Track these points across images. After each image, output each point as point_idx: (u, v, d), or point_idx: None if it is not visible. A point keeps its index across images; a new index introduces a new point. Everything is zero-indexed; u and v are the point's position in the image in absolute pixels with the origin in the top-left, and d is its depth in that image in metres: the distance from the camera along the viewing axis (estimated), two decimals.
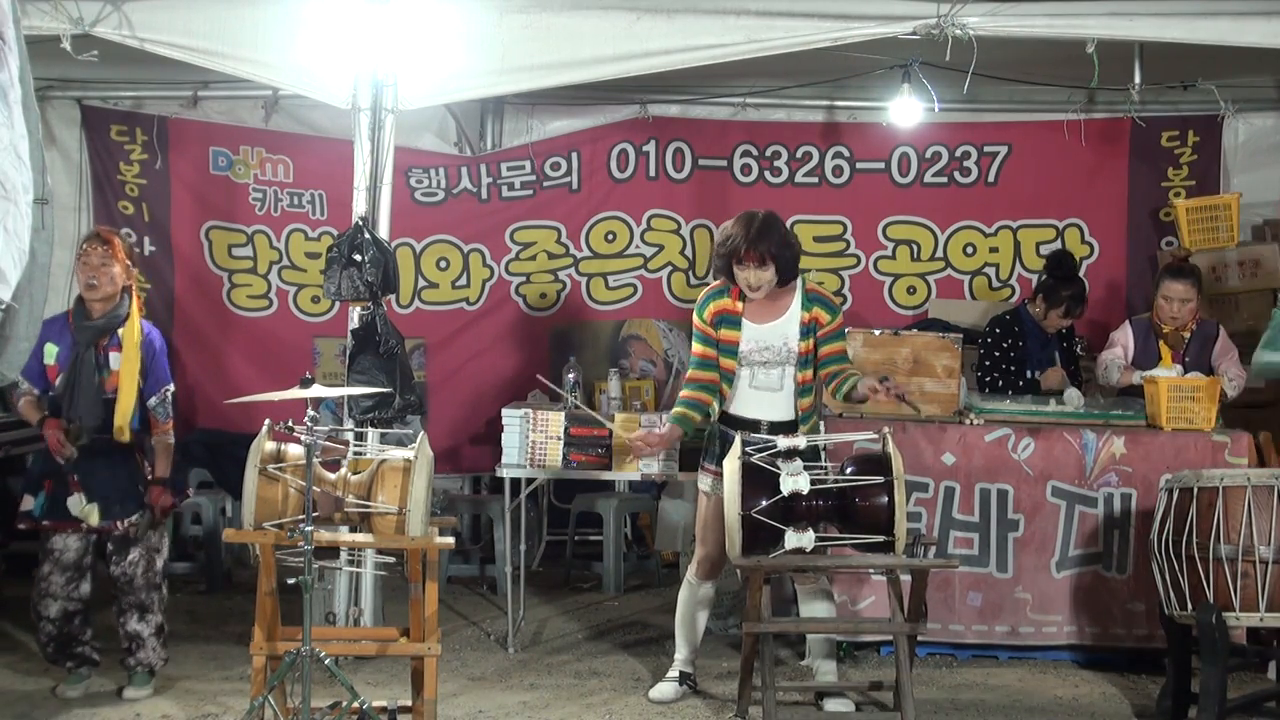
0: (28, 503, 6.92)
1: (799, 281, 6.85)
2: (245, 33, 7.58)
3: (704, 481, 6.94)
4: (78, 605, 6.88)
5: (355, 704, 5.81)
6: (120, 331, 6.86)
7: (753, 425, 6.68)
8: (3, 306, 4.08)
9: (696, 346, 6.91)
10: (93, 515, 6.77)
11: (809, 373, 6.83)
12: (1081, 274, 9.40)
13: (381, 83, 7.61)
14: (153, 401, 6.90)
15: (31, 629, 7.84)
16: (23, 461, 9.00)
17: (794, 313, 6.80)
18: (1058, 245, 9.83)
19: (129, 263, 6.96)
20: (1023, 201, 10.06)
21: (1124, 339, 8.33)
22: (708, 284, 7.02)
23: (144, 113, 9.89)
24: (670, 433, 6.93)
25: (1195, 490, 6.27)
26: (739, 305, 6.81)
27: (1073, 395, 7.98)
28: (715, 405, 6.84)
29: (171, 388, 7.01)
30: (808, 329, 6.78)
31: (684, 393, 6.92)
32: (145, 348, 6.90)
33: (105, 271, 6.86)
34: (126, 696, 6.91)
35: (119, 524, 6.82)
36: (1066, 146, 9.90)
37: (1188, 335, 8.07)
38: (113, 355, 6.84)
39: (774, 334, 6.78)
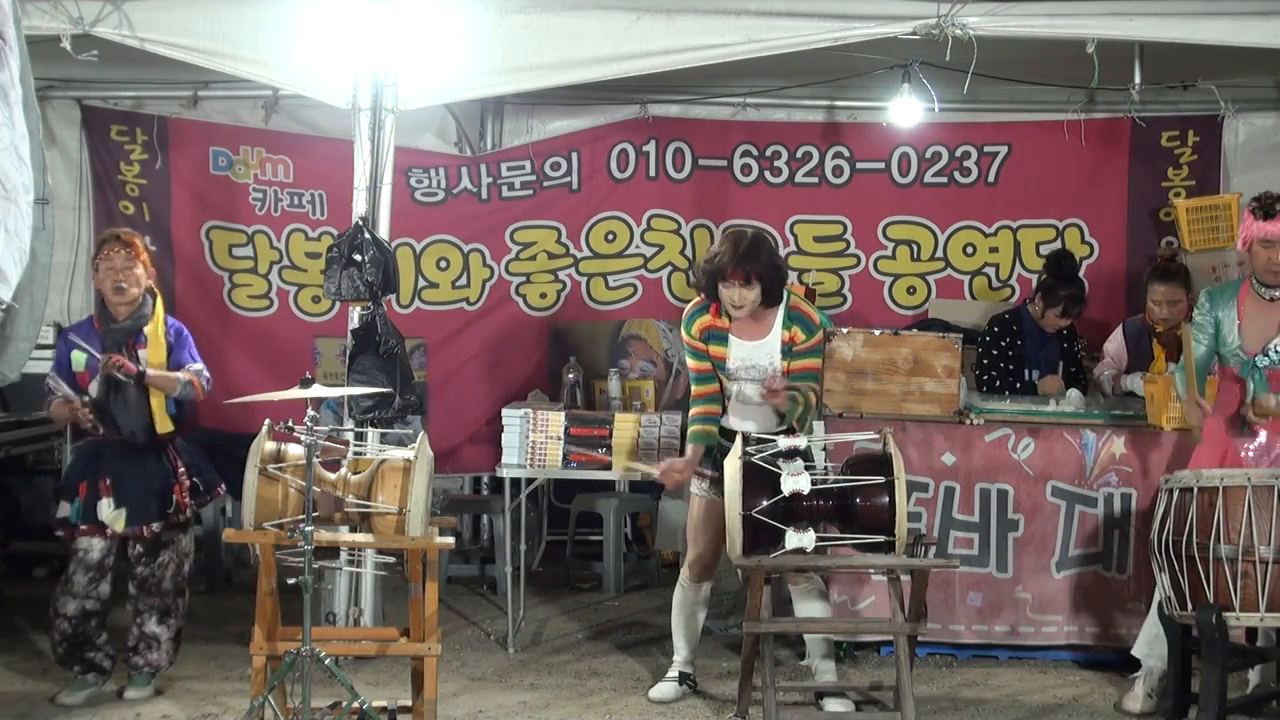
0: (64, 510, 6.89)
1: (784, 299, 6.84)
2: (245, 33, 7.58)
3: (697, 485, 6.95)
4: (96, 605, 6.84)
5: (355, 704, 5.82)
6: (145, 330, 6.88)
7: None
8: (3, 306, 4.08)
9: (691, 362, 6.94)
10: (119, 521, 6.77)
11: None
12: (1081, 274, 9.39)
13: (381, 83, 7.61)
14: (192, 367, 6.92)
15: (33, 629, 7.88)
16: (22, 461, 9.02)
17: (776, 332, 6.81)
18: (1058, 245, 9.82)
19: (149, 263, 6.97)
20: (1023, 201, 10.04)
21: (1114, 349, 8.34)
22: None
23: (144, 113, 9.87)
24: (694, 454, 6.89)
25: (1195, 490, 6.27)
26: (724, 321, 6.82)
27: (1073, 395, 7.98)
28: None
29: (200, 366, 6.99)
30: (787, 348, 6.78)
31: (695, 409, 6.93)
32: (169, 336, 6.93)
33: (131, 274, 6.86)
34: (127, 697, 6.91)
35: (144, 530, 6.81)
36: (1066, 146, 9.89)
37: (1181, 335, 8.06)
38: (141, 354, 6.85)
39: (759, 352, 6.80)
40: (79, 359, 6.86)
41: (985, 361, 8.61)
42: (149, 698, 6.93)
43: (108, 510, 6.77)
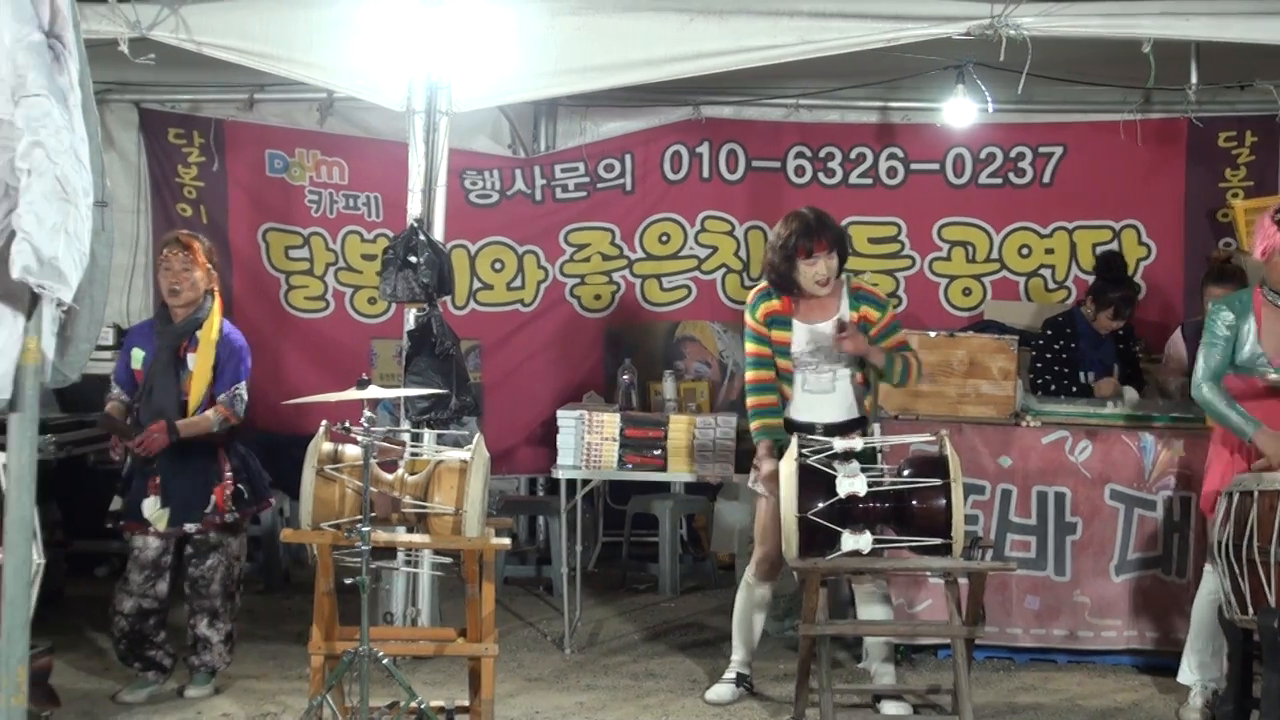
0: (116, 503, 6.95)
1: (843, 281, 6.85)
2: (300, 36, 7.61)
3: (761, 484, 6.93)
4: (153, 604, 6.90)
5: (413, 704, 5.84)
6: (199, 333, 6.92)
7: (808, 429, 6.67)
8: (64, 308, 4.10)
9: (751, 346, 6.92)
10: (162, 520, 6.82)
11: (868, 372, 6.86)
12: (1138, 276, 9.37)
13: (436, 85, 7.64)
14: (222, 398, 6.90)
15: (96, 628, 7.95)
16: (84, 461, 9.09)
17: (843, 313, 6.81)
18: (1114, 246, 9.75)
19: (209, 266, 7.00)
20: (1079, 202, 9.98)
21: (1176, 352, 8.25)
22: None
23: (201, 115, 9.95)
24: (767, 450, 6.84)
25: (1256, 493, 6.20)
26: (789, 306, 6.81)
27: (1130, 395, 7.92)
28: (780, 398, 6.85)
29: (242, 389, 6.97)
30: (859, 329, 6.77)
31: (752, 400, 6.91)
32: (221, 345, 6.94)
33: (187, 277, 6.91)
34: (188, 696, 6.97)
35: (184, 530, 6.86)
36: (1122, 147, 9.81)
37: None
38: (190, 357, 6.90)
39: (824, 334, 6.78)
40: (138, 356, 6.92)
41: (1039, 365, 8.56)
42: (209, 696, 6.99)
43: (152, 509, 6.82)
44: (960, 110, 8.86)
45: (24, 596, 4.02)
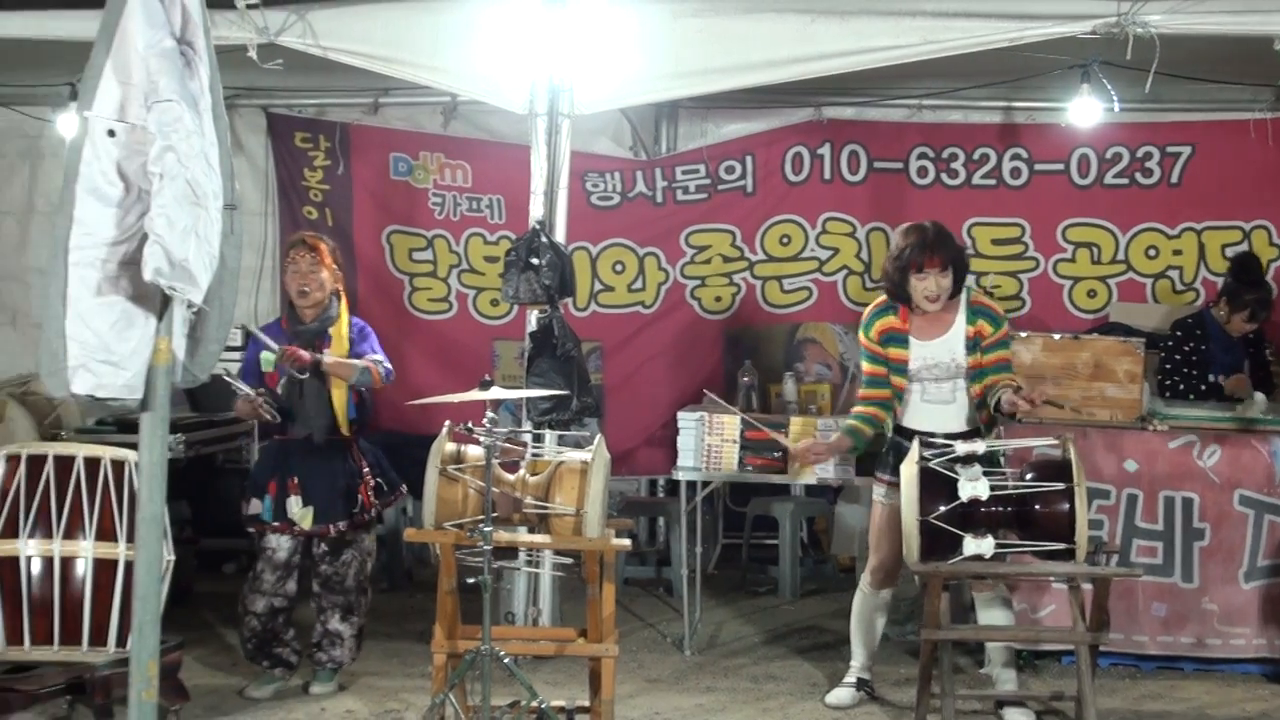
0: (255, 506, 7.05)
1: (963, 295, 6.78)
2: (424, 40, 7.68)
3: (878, 490, 6.91)
4: (284, 602, 7.02)
5: (534, 703, 5.87)
6: (331, 330, 7.04)
7: (927, 437, 6.62)
8: (194, 310, 4.17)
9: (866, 365, 6.92)
10: (307, 519, 6.93)
11: (981, 385, 6.77)
12: (1270, 277, 9.16)
13: (558, 88, 7.67)
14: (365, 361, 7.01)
15: (224, 624, 8.08)
16: (213, 460, 9.25)
17: (959, 328, 6.75)
18: (1244, 247, 9.57)
19: (335, 266, 7.12)
20: (1207, 203, 9.80)
21: None
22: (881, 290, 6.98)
23: (327, 120, 10.08)
24: (839, 442, 6.90)
25: None
26: (906, 324, 6.76)
27: (1259, 399, 7.78)
28: (889, 421, 6.82)
29: (384, 359, 7.08)
30: (973, 343, 6.72)
31: (858, 407, 6.93)
32: (352, 333, 7.08)
33: (315, 278, 7.03)
34: (312, 692, 7.07)
35: (330, 528, 6.97)
36: (1253, 146, 9.60)
37: None
38: (327, 353, 7.00)
39: (941, 350, 6.74)
40: (268, 359, 7.01)
41: (1168, 366, 8.43)
42: (333, 693, 7.09)
43: (296, 508, 6.93)
44: (1085, 110, 8.72)
45: (155, 592, 4.10)
